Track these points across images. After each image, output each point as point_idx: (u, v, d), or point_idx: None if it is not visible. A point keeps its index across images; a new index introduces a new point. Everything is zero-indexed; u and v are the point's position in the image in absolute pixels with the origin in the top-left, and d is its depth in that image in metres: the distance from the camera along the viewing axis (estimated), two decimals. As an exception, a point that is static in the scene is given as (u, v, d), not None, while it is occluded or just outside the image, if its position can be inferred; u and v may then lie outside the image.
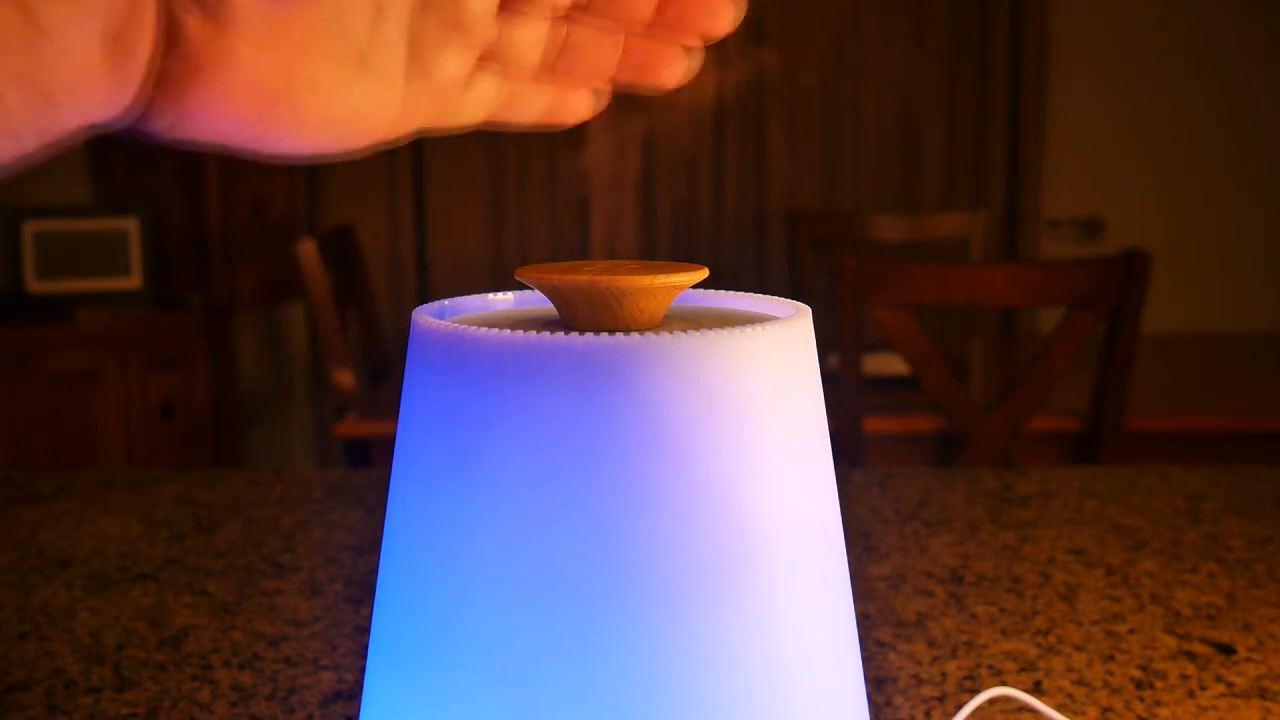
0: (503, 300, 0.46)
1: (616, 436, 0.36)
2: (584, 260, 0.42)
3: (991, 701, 0.62)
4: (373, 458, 1.92)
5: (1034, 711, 0.60)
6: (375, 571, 0.54)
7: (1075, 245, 3.19)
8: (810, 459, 0.40)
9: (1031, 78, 3.08)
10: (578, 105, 0.40)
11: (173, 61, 0.32)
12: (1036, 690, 0.65)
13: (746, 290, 0.45)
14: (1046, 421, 1.81)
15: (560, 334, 0.36)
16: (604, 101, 0.40)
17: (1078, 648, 0.70)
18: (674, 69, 0.39)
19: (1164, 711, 0.62)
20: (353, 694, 0.64)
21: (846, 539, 0.43)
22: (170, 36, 0.32)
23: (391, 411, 1.94)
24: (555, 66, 0.38)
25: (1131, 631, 0.72)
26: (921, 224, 2.72)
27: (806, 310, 0.41)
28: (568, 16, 0.38)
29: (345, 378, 2.15)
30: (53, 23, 0.30)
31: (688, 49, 0.39)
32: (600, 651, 0.36)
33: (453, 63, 0.36)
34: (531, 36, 0.37)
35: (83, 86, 0.31)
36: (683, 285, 0.40)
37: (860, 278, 1.66)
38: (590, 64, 0.38)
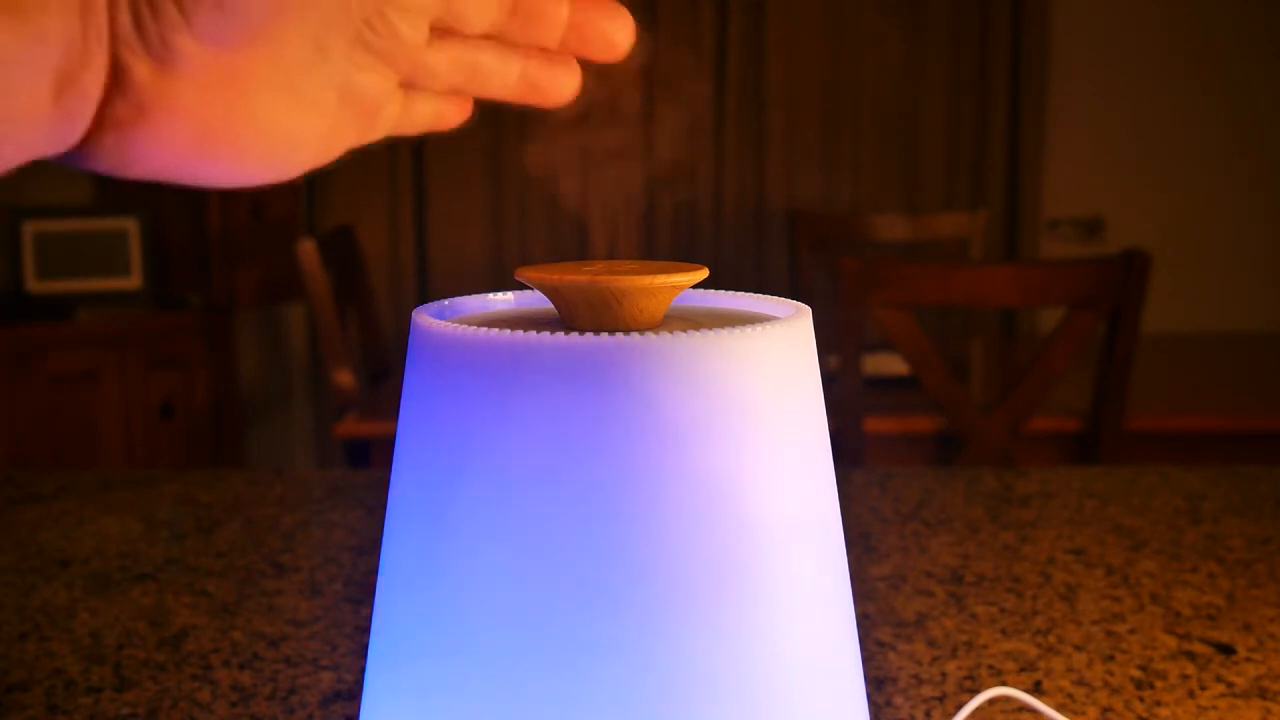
0: (503, 300, 0.46)
1: (616, 436, 0.36)
2: (584, 260, 0.42)
3: (991, 701, 0.62)
4: (373, 458, 1.92)
5: (1034, 711, 0.60)
6: (375, 571, 0.54)
7: (1075, 245, 3.19)
8: (810, 459, 0.40)
9: (1031, 78, 3.08)
10: (454, 115, 0.42)
11: (119, 105, 0.33)
12: (1036, 690, 0.65)
13: (746, 290, 0.45)
14: (1046, 421, 1.81)
15: (560, 334, 0.36)
16: (470, 112, 0.42)
17: (1078, 648, 0.70)
18: (565, 89, 0.41)
19: (1164, 711, 0.62)
20: (353, 694, 0.64)
21: (846, 539, 0.43)
22: (118, 81, 0.32)
23: (391, 411, 1.94)
24: (458, 85, 0.40)
25: (1131, 631, 0.72)
26: (921, 224, 2.72)
27: (806, 310, 0.41)
28: (478, 40, 0.40)
29: (345, 378, 2.15)
30: (6, 61, 0.30)
31: (578, 70, 0.41)
32: (600, 651, 0.36)
33: (380, 88, 0.37)
34: (448, 60, 0.38)
35: (29, 126, 0.31)
36: (683, 285, 0.40)
37: (860, 278, 1.66)
38: (491, 84, 0.40)
